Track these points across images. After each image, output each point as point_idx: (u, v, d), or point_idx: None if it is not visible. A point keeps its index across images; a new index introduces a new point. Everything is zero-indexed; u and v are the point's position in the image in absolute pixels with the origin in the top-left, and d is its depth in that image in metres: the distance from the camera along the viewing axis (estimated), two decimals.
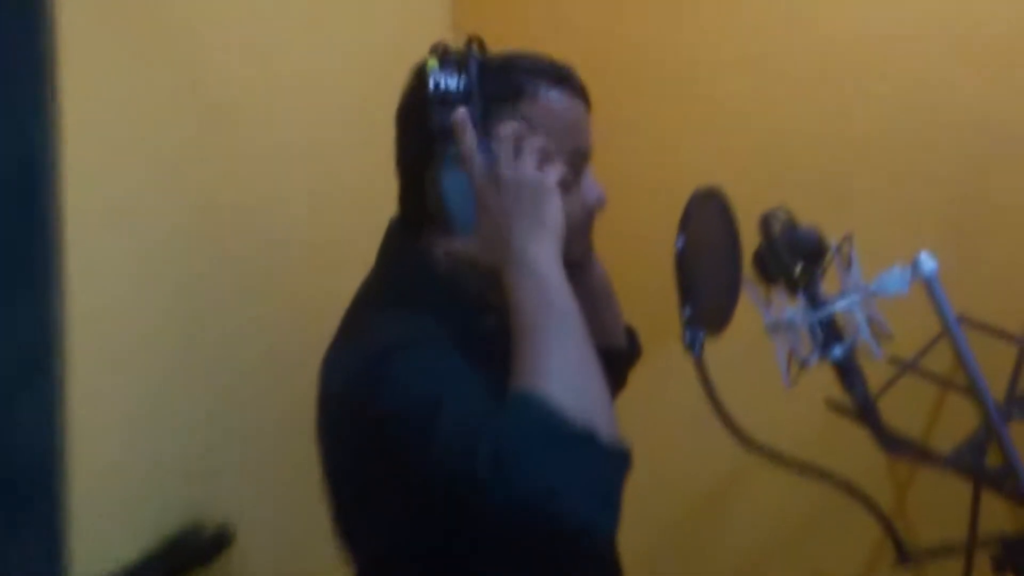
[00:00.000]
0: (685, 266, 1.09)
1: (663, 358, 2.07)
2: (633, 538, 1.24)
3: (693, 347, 1.09)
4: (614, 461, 0.98)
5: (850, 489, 1.22)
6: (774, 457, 1.13)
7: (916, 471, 2.05)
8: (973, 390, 1.14)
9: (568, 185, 1.14)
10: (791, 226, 1.15)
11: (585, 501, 0.93)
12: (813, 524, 2.14)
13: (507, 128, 1.10)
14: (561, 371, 0.99)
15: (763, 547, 2.21)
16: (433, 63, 1.12)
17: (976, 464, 1.50)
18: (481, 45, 1.18)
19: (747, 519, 2.20)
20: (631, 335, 1.48)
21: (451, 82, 1.10)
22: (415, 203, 1.16)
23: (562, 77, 1.17)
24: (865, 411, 1.13)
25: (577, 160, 1.18)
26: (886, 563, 2.08)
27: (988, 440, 1.57)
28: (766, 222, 1.13)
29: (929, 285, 1.08)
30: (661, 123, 2.15)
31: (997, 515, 1.92)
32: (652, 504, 2.02)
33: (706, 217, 1.17)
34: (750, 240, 1.19)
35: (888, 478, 2.11)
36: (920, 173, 2.00)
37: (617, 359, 1.40)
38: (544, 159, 1.10)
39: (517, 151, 1.09)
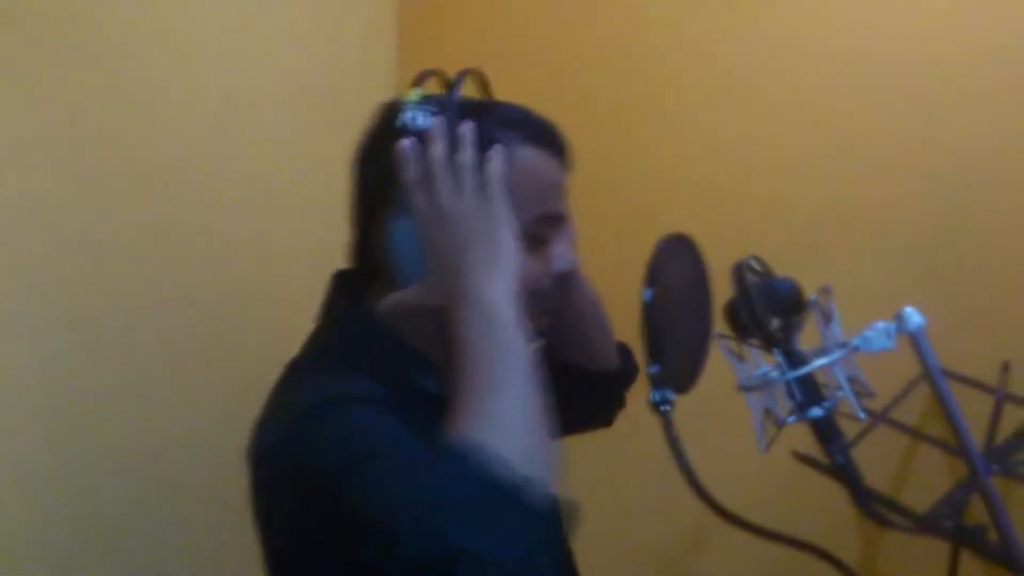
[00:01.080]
0: (653, 320, 1.02)
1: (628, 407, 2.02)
2: None
3: (661, 408, 1.01)
4: (541, 521, 0.89)
5: (822, 554, 1.14)
6: (745, 526, 1.05)
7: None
8: (959, 444, 1.07)
9: (530, 247, 1.06)
10: (766, 277, 1.08)
11: (494, 564, 0.84)
12: None
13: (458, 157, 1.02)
14: (502, 420, 0.91)
15: None
16: (414, 96, 1.05)
17: (958, 524, 1.42)
18: (483, 81, 1.14)
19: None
20: (626, 353, 1.40)
21: (424, 121, 1.03)
22: (364, 253, 1.11)
23: (541, 135, 1.09)
24: (846, 473, 1.05)
25: (545, 224, 1.09)
26: None
27: (967, 497, 1.50)
28: (739, 272, 1.05)
29: (915, 340, 1.01)
30: (622, 156, 2.09)
31: (976, 573, 1.86)
32: (615, 560, 1.93)
33: (675, 266, 1.10)
34: (719, 290, 1.13)
35: (858, 531, 2.04)
36: (890, 223, 1.96)
37: (609, 381, 1.35)
38: (490, 187, 1.02)
39: (458, 178, 1.01)
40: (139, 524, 1.35)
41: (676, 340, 1.08)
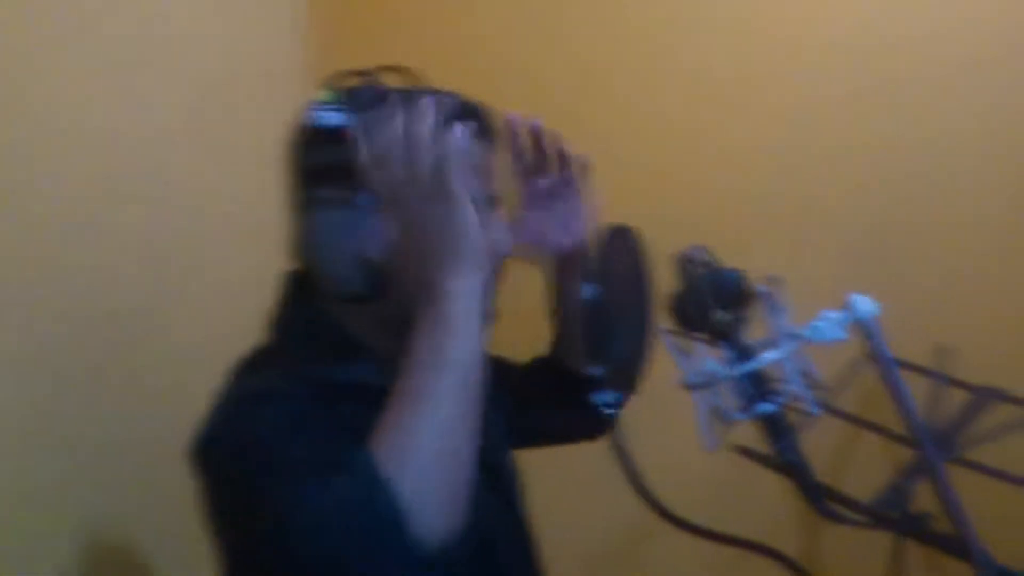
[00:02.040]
0: (596, 319, 0.96)
1: None
2: None
3: (607, 411, 0.96)
4: (418, 561, 0.84)
5: (768, 552, 1.09)
6: (692, 529, 1.00)
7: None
8: (911, 432, 1.04)
9: None
10: (712, 268, 1.03)
11: None
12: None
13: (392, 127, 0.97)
14: (416, 441, 0.87)
15: None
16: (323, 96, 1.04)
17: (904, 513, 1.40)
18: (407, 73, 1.10)
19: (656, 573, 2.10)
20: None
21: (332, 119, 1.03)
22: (296, 251, 1.09)
23: (463, 116, 1.05)
24: (798, 470, 1.01)
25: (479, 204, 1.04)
26: None
27: (913, 485, 1.48)
28: (685, 263, 1.00)
29: (867, 328, 0.97)
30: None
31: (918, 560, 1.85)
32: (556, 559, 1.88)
33: (617, 259, 1.04)
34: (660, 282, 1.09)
35: (798, 522, 2.03)
36: (829, 213, 1.95)
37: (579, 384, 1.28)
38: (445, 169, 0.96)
39: (409, 153, 0.95)
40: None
41: (619, 338, 1.03)
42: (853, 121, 1.92)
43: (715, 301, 0.99)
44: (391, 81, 1.09)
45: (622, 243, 1.06)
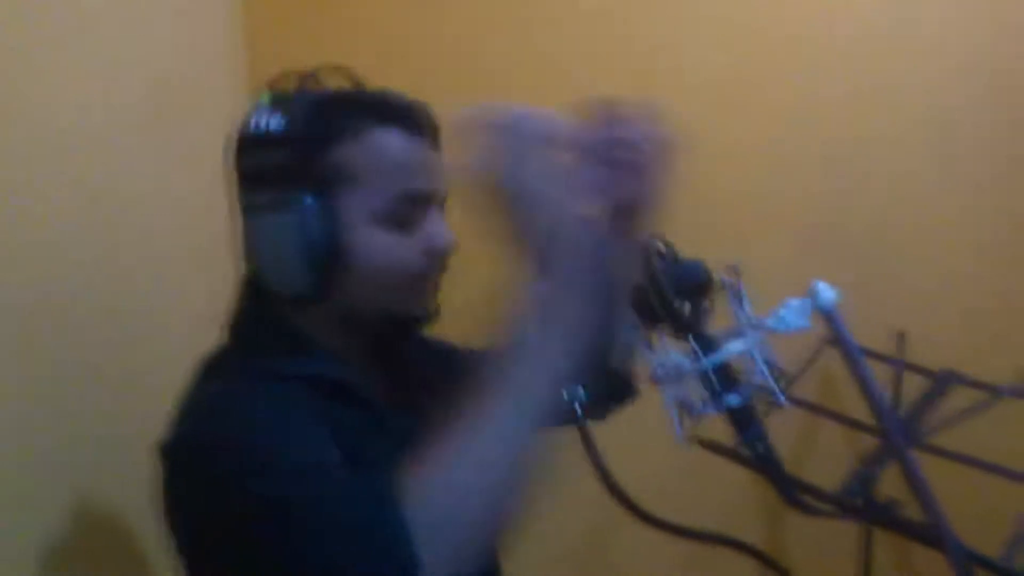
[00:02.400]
0: None
1: None
2: None
3: (574, 407, 0.93)
4: None
5: (738, 545, 1.08)
6: (664, 526, 0.98)
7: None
8: (878, 420, 1.03)
9: (396, 227, 1.07)
10: (672, 259, 1.01)
11: None
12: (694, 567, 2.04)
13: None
14: (451, 478, 0.84)
15: None
16: (264, 99, 1.07)
17: (869, 501, 1.39)
18: (347, 73, 1.13)
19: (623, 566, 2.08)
20: None
21: (270, 122, 1.05)
22: (245, 254, 1.12)
23: (394, 114, 1.09)
24: (768, 463, 0.98)
25: (409, 202, 1.08)
26: None
27: (878, 472, 1.48)
28: (647, 255, 0.97)
29: (830, 316, 0.95)
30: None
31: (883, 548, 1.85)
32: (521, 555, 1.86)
33: None
34: None
35: (760, 512, 2.02)
36: (784, 200, 1.95)
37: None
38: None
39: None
40: None
41: None
42: (810, 114, 1.92)
43: (678, 293, 0.97)
44: (332, 81, 1.11)
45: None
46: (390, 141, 1.08)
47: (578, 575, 2.12)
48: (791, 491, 1.00)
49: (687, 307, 0.97)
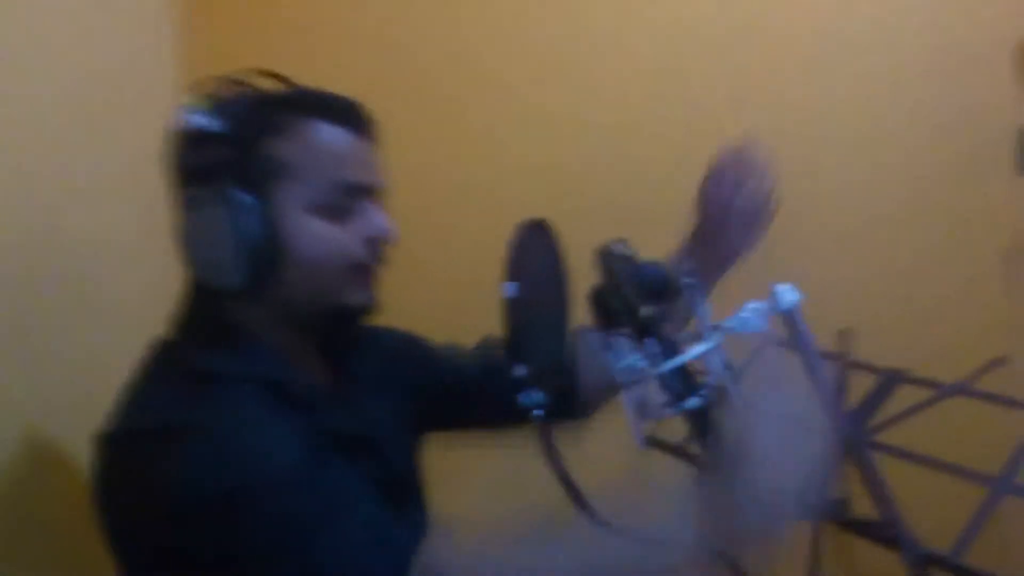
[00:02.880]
0: (517, 317, 0.93)
1: None
2: None
3: (535, 411, 0.92)
4: None
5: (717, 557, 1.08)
6: (631, 536, 0.97)
7: None
8: (832, 420, 1.03)
9: (334, 217, 1.11)
10: (632, 262, 1.00)
11: None
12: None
13: None
14: None
15: None
16: (197, 100, 1.10)
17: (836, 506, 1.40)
18: (280, 78, 1.16)
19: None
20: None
21: (202, 121, 1.08)
22: (182, 250, 1.13)
23: (330, 110, 1.14)
24: None
25: (346, 193, 1.13)
26: None
27: (827, 472, 1.48)
28: (607, 257, 0.97)
29: (790, 319, 0.96)
30: (444, 138, 2.00)
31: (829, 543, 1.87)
32: None
33: (534, 255, 1.01)
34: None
35: None
36: None
37: None
38: None
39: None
40: None
41: (540, 336, 1.00)
42: (747, 111, 1.93)
43: (638, 295, 0.97)
44: (263, 84, 1.15)
45: (538, 238, 1.03)
46: (324, 134, 1.12)
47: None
48: None
49: (649, 310, 0.97)
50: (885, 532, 1.27)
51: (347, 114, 1.15)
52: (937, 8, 1.85)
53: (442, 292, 1.77)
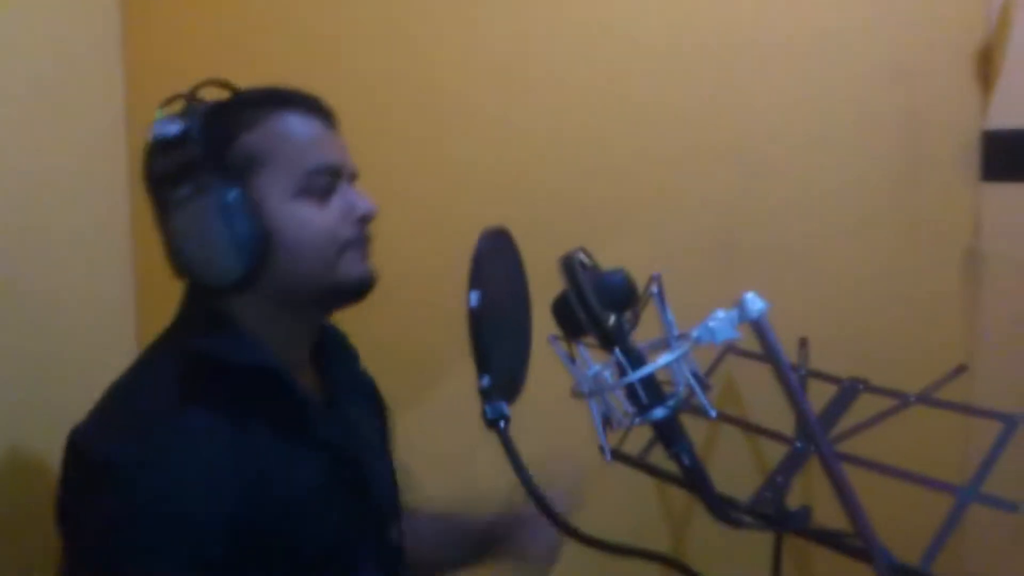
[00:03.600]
0: (481, 327, 0.90)
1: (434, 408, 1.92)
2: None
3: (498, 423, 0.90)
4: None
5: (678, 565, 1.06)
6: (597, 544, 0.95)
7: (693, 504, 1.96)
8: (805, 429, 1.02)
9: (316, 199, 1.17)
10: (595, 270, 0.98)
11: None
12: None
13: None
14: None
15: None
16: (158, 115, 1.15)
17: (780, 509, 1.39)
18: (230, 86, 1.22)
19: None
20: None
21: (171, 128, 1.13)
22: (170, 258, 1.17)
23: (289, 100, 1.19)
24: (695, 476, 0.96)
25: (322, 175, 1.18)
26: None
27: (790, 480, 1.48)
28: (571, 266, 0.94)
29: (759, 327, 0.93)
30: (398, 148, 1.97)
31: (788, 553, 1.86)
32: None
33: (496, 263, 0.98)
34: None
35: (665, 520, 2.02)
36: (684, 205, 1.94)
37: None
38: None
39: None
40: None
41: (502, 346, 0.97)
42: (708, 121, 1.93)
43: (602, 304, 0.94)
44: (214, 94, 1.21)
45: (498, 246, 1.00)
46: (291, 123, 1.17)
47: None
48: (718, 503, 0.98)
49: (614, 319, 0.95)
50: (846, 542, 1.26)
51: (310, 104, 1.20)
52: (896, 11, 1.85)
53: (406, 303, 1.74)
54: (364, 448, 1.31)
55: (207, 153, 1.12)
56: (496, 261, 0.98)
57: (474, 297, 0.90)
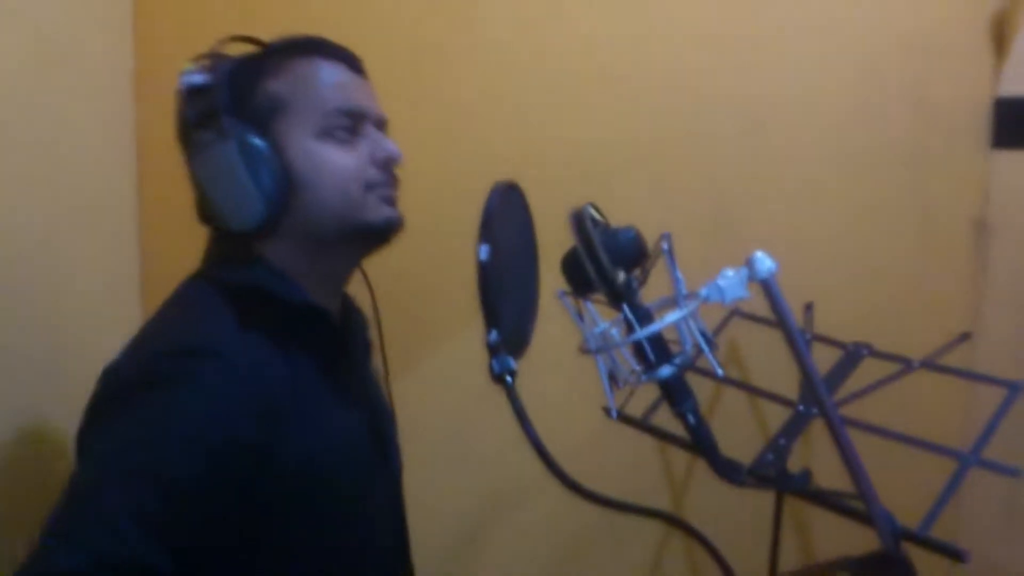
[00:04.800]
0: (490, 281, 0.90)
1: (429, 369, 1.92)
2: None
3: (506, 378, 0.89)
4: None
5: (682, 526, 1.06)
6: (600, 500, 0.94)
7: (694, 465, 1.97)
8: (812, 392, 1.01)
9: (340, 141, 1.17)
10: (605, 227, 0.97)
11: None
12: (590, 540, 2.04)
13: None
14: None
15: (540, 568, 2.07)
16: (190, 67, 1.16)
17: (782, 471, 1.40)
18: (256, 42, 1.22)
19: (519, 544, 2.06)
20: None
21: (198, 78, 1.15)
22: (199, 204, 1.20)
23: (312, 46, 1.20)
24: (700, 438, 0.96)
25: (346, 117, 1.18)
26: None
27: (792, 443, 1.48)
28: (582, 222, 0.94)
29: (767, 287, 0.93)
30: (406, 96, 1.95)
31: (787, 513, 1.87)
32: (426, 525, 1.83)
33: (506, 217, 0.98)
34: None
35: (666, 479, 2.03)
36: (692, 174, 1.94)
37: None
38: None
39: None
40: None
41: (510, 300, 0.97)
42: (717, 87, 1.91)
43: (612, 262, 0.94)
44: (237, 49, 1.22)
45: (509, 200, 1.00)
46: (318, 67, 1.18)
47: (484, 538, 2.09)
48: (721, 463, 0.98)
49: (621, 276, 0.94)
50: (848, 505, 1.27)
51: (336, 51, 1.21)
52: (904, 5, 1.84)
53: (415, 256, 1.74)
54: (378, 406, 1.34)
55: (231, 99, 1.13)
56: (506, 215, 0.97)
57: (483, 251, 0.89)
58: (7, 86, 1.43)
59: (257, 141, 1.12)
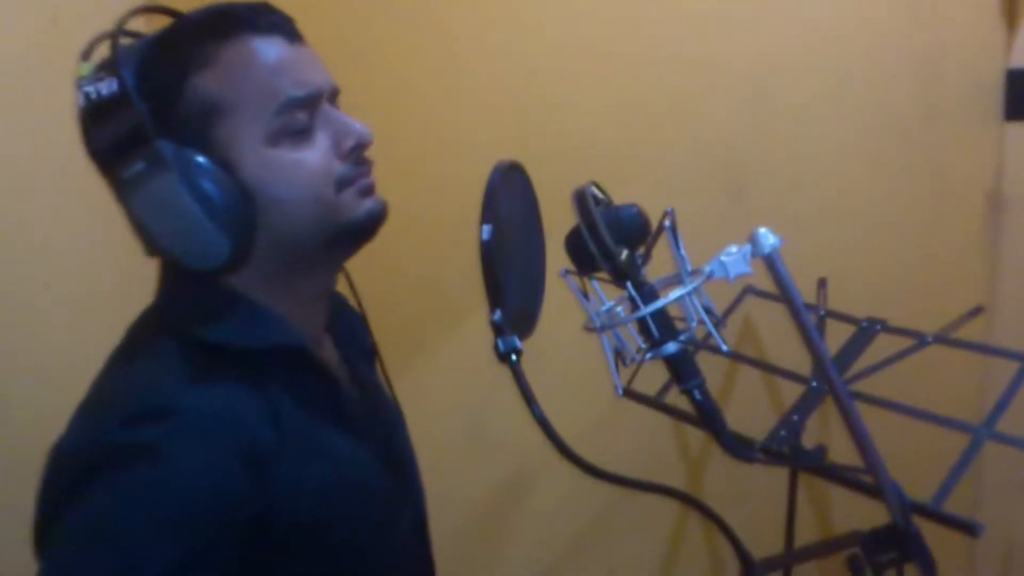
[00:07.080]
0: (493, 260, 0.90)
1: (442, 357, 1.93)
2: None
3: (510, 357, 0.90)
4: None
5: (694, 503, 1.06)
6: (615, 480, 0.94)
7: (710, 444, 1.97)
8: (820, 369, 1.01)
9: (295, 141, 0.94)
10: (608, 205, 0.97)
11: None
12: (605, 522, 2.05)
13: None
14: None
15: (555, 551, 2.08)
16: (84, 70, 0.92)
17: (796, 448, 1.40)
18: (169, 11, 0.99)
19: (534, 527, 2.07)
20: None
21: (103, 88, 0.90)
22: (143, 242, 0.96)
23: (239, 20, 0.94)
24: (707, 414, 0.96)
25: (302, 107, 0.95)
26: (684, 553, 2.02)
27: (805, 419, 1.48)
28: (584, 200, 0.94)
29: (771, 263, 0.93)
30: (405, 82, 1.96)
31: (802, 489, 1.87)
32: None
33: (509, 197, 0.98)
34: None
35: (681, 458, 2.03)
36: (704, 148, 1.93)
37: None
38: None
39: None
40: None
41: (515, 280, 0.97)
42: (726, 61, 1.90)
43: (615, 239, 0.94)
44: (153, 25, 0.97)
45: (511, 180, 1.00)
46: (251, 50, 0.94)
47: (499, 523, 2.11)
48: (729, 439, 0.97)
49: (624, 253, 0.94)
50: (860, 480, 1.26)
51: (266, 20, 0.96)
52: None
53: (418, 234, 1.74)
54: (392, 423, 1.20)
55: (152, 110, 0.90)
56: (509, 195, 0.97)
57: (486, 231, 0.89)
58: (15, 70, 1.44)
59: (201, 161, 0.90)
